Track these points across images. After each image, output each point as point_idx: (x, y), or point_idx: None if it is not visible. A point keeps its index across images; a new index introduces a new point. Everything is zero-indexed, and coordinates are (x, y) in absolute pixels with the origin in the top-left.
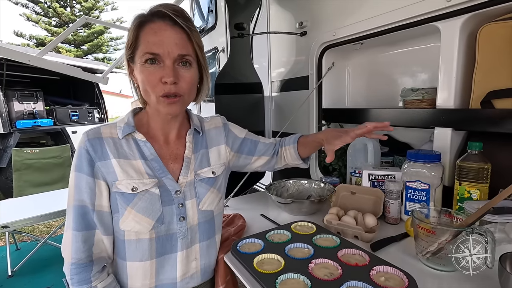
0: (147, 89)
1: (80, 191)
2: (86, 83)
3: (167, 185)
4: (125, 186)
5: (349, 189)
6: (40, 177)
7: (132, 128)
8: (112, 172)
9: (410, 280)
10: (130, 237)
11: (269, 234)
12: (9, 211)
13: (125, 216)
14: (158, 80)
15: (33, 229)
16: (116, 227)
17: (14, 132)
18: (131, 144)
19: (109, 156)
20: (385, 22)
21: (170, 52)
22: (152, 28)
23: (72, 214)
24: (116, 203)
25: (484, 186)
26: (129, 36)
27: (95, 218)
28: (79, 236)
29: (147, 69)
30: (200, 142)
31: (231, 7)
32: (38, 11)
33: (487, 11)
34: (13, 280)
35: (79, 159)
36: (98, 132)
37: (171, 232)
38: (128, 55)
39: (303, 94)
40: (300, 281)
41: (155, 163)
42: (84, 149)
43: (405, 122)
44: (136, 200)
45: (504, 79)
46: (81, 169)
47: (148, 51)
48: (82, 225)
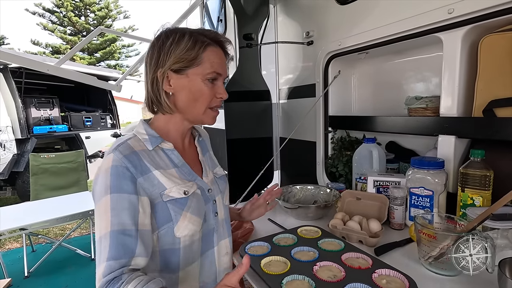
0: (200, 101)
1: (119, 214)
2: (99, 90)
3: (201, 185)
4: (176, 192)
5: (355, 195)
6: (56, 181)
7: (160, 139)
8: (158, 184)
9: (410, 283)
10: (185, 243)
11: (276, 238)
12: (26, 214)
13: (181, 221)
14: (213, 95)
15: (48, 232)
16: (168, 239)
17: (31, 137)
18: (160, 154)
19: (150, 168)
20: (389, 32)
21: (224, 74)
22: (216, 52)
23: (108, 243)
24: (168, 212)
25: (486, 193)
26: (184, 50)
27: (139, 239)
28: (115, 266)
29: (207, 85)
30: (203, 146)
31: (240, 18)
32: (54, 21)
33: (488, 23)
34: (29, 281)
35: (116, 179)
36: (130, 147)
37: (210, 228)
38: (178, 67)
39: (310, 102)
40: (304, 282)
41: (185, 168)
42: (123, 166)
43: (409, 129)
44: (189, 203)
45: (505, 88)
46: (120, 189)
47: (216, 71)
48: (121, 253)
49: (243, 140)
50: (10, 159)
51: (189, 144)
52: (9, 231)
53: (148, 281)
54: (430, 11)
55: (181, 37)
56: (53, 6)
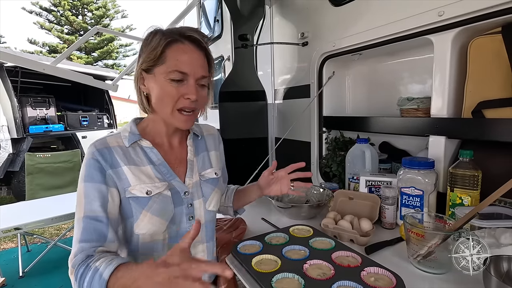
0: (165, 102)
1: (91, 201)
2: (96, 89)
3: (176, 187)
4: (139, 190)
5: (347, 195)
6: (52, 181)
7: (138, 136)
8: (125, 179)
9: (398, 281)
10: (145, 240)
11: (268, 237)
12: (22, 214)
13: (141, 220)
14: (179, 96)
15: (44, 232)
16: (129, 233)
17: (27, 137)
18: (138, 151)
19: (120, 163)
20: (381, 34)
21: (195, 73)
22: (182, 49)
23: (81, 227)
24: (130, 209)
25: (475, 193)
26: (150, 49)
27: (109, 226)
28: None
29: (171, 85)
30: (201, 146)
31: (236, 19)
32: (51, 20)
33: (477, 26)
34: (24, 281)
35: (88, 169)
36: (105, 142)
37: (182, 232)
38: (146, 66)
39: (305, 102)
40: (294, 280)
41: (163, 167)
42: (94, 159)
43: (401, 130)
44: (151, 203)
45: (494, 90)
46: (91, 178)
47: (178, 69)
48: (92, 236)
49: (238, 140)
50: (6, 159)
51: (180, 143)
52: (3, 231)
53: (115, 258)
54: (421, 13)
55: (153, 36)
56: (50, 5)
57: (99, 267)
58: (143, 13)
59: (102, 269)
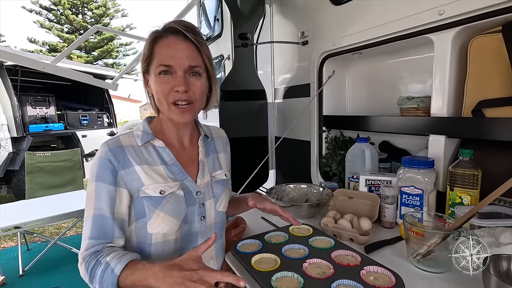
0: (160, 98)
1: (100, 201)
2: (96, 88)
3: (189, 186)
4: (152, 190)
5: (347, 194)
6: (51, 180)
7: (151, 136)
8: (137, 179)
9: (397, 279)
10: (158, 240)
11: (268, 236)
12: (21, 213)
13: (154, 219)
14: (170, 89)
15: (44, 230)
16: (142, 232)
17: (27, 136)
18: (150, 151)
19: (132, 163)
20: (381, 33)
21: (181, 64)
22: (166, 42)
23: (90, 224)
24: (143, 208)
25: (475, 192)
26: (144, 50)
27: (115, 225)
28: (95, 244)
29: (161, 79)
30: (210, 147)
31: (236, 18)
32: (51, 18)
33: (477, 24)
34: (24, 279)
35: (100, 169)
36: (118, 141)
37: (193, 231)
38: (144, 68)
39: (305, 101)
40: (294, 279)
41: (175, 167)
42: (106, 159)
43: (401, 129)
44: (164, 202)
45: (494, 89)
46: (102, 178)
47: (162, 63)
48: (101, 234)
49: (238, 139)
50: (6, 158)
51: (190, 143)
52: (3, 230)
53: (125, 254)
54: (421, 12)
55: (147, 37)
56: (50, 4)
57: (110, 262)
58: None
59: (113, 264)
